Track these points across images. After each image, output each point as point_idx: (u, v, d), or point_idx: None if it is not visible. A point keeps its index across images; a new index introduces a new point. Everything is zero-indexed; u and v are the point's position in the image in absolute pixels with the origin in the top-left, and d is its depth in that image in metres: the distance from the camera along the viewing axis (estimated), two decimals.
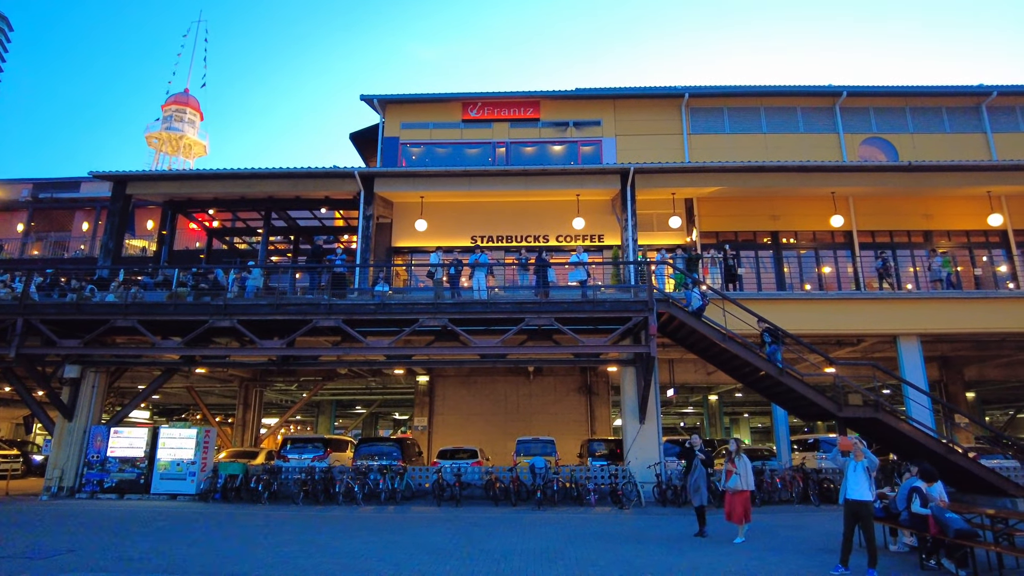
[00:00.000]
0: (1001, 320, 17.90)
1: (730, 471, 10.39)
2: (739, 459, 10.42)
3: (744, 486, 10.22)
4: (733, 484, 10.25)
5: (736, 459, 10.43)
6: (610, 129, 22.90)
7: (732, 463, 10.43)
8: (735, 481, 10.24)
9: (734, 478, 10.27)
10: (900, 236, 21.10)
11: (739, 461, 10.38)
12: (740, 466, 10.31)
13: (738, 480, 10.22)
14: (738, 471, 10.28)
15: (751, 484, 10.33)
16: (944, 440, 14.16)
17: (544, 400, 24.39)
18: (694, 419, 39.53)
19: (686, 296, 15.59)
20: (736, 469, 10.32)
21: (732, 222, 20.81)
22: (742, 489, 10.23)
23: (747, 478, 10.28)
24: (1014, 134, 22.99)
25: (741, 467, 10.30)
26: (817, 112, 23.15)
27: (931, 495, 9.03)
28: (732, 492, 10.32)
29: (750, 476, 10.35)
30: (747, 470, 10.33)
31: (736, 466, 10.34)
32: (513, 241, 20.86)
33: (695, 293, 15.73)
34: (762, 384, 15.56)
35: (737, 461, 10.39)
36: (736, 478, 10.25)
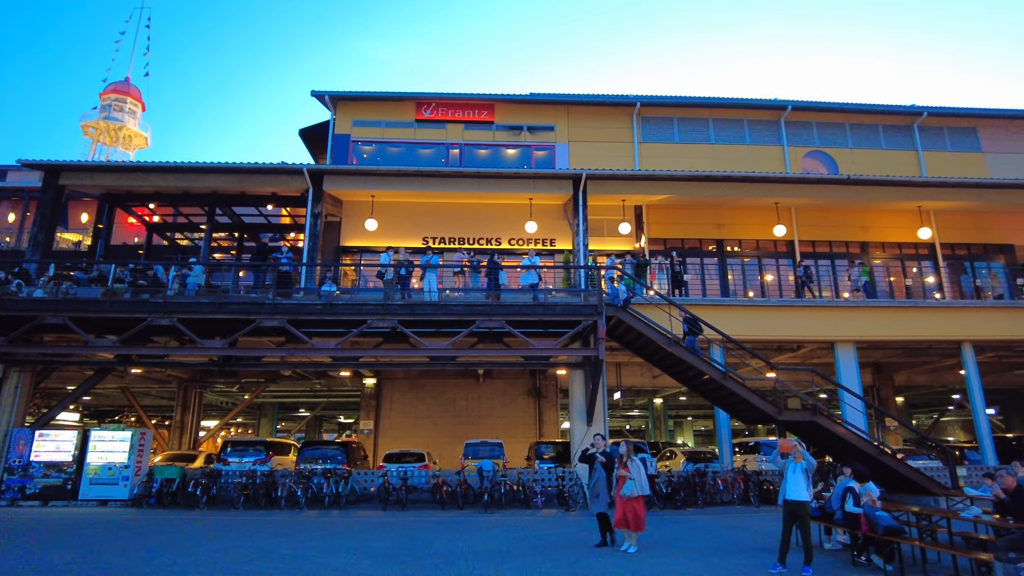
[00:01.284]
0: (929, 328, 18.83)
1: (624, 476, 9.73)
2: (632, 463, 9.82)
3: (640, 491, 9.65)
4: (629, 490, 9.61)
5: (629, 463, 9.82)
6: (563, 135, 23.09)
7: (625, 467, 9.80)
8: (630, 487, 9.62)
9: (629, 484, 9.64)
10: (839, 246, 21.96)
11: (633, 465, 9.79)
12: (634, 470, 9.73)
13: (634, 485, 9.62)
14: (632, 476, 9.67)
15: (646, 489, 9.83)
16: (876, 442, 14.76)
17: (493, 403, 24.37)
18: (640, 422, 40.24)
19: (611, 291, 15.83)
20: (630, 474, 9.70)
21: (679, 229, 21.26)
22: (638, 495, 9.65)
23: (642, 482, 9.72)
24: (942, 152, 24.24)
25: (635, 471, 9.73)
26: (763, 125, 23.88)
27: (863, 494, 9.39)
28: (626, 498, 9.65)
29: (645, 481, 9.82)
30: (642, 474, 9.79)
31: (630, 470, 9.74)
32: (465, 243, 20.79)
33: (621, 287, 15.98)
34: (706, 388, 15.92)
35: (631, 465, 9.79)
36: (631, 483, 9.64)
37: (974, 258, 22.39)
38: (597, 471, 10.20)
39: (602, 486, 10.05)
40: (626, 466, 9.75)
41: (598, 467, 10.22)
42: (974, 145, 24.57)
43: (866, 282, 19.18)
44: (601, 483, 10.06)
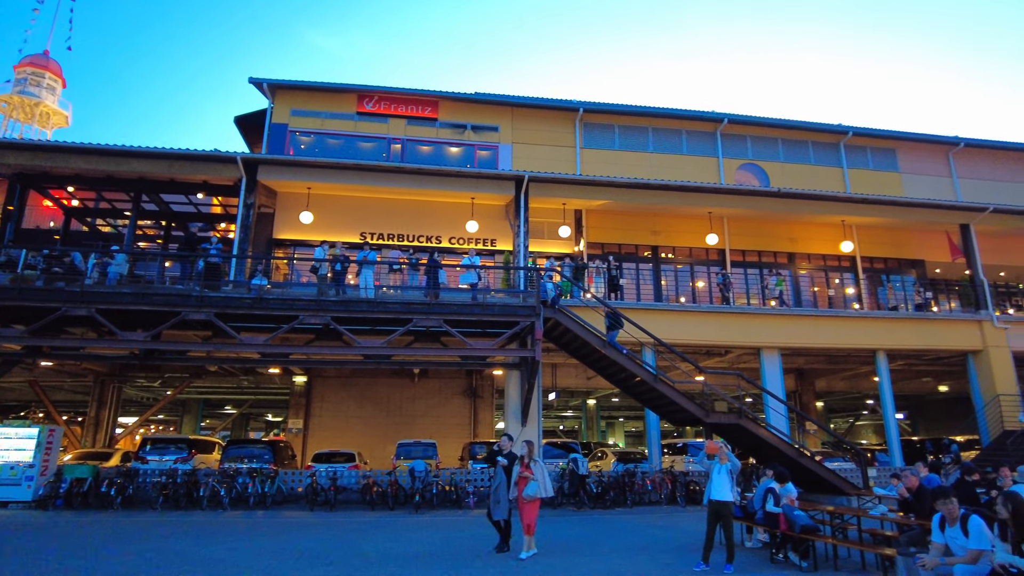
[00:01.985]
0: (848, 337, 19.84)
1: (526, 477, 9.20)
2: (536, 464, 9.37)
3: (543, 493, 9.21)
4: (532, 492, 9.12)
5: (533, 464, 9.35)
6: (507, 136, 23.15)
7: (528, 468, 9.30)
8: (533, 488, 9.13)
9: (532, 485, 9.14)
10: (767, 256, 22.85)
11: (536, 467, 9.34)
12: (537, 472, 9.28)
13: (536, 487, 9.15)
14: (535, 477, 9.20)
15: (550, 491, 9.39)
16: (796, 445, 15.42)
17: (428, 403, 24.17)
18: (573, 422, 40.77)
19: (542, 287, 16.04)
20: (533, 475, 9.21)
21: (617, 235, 21.65)
22: (540, 497, 9.21)
23: (545, 484, 9.29)
24: (864, 171, 25.60)
25: (538, 473, 9.27)
26: (700, 136, 24.61)
27: (783, 495, 9.78)
28: (528, 500, 9.15)
29: (548, 483, 9.40)
30: (544, 476, 9.35)
31: (533, 472, 9.25)
32: (405, 240, 20.55)
33: (549, 285, 16.19)
34: (637, 390, 16.25)
35: (534, 467, 9.32)
36: (534, 484, 9.16)
37: (890, 272, 23.72)
38: (499, 474, 9.51)
39: (503, 491, 9.34)
40: (529, 467, 9.28)
41: (499, 469, 9.54)
42: (893, 165, 26.05)
43: (781, 291, 20.04)
44: (503, 487, 9.36)
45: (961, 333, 20.50)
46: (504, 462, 9.45)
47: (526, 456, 9.39)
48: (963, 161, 26.58)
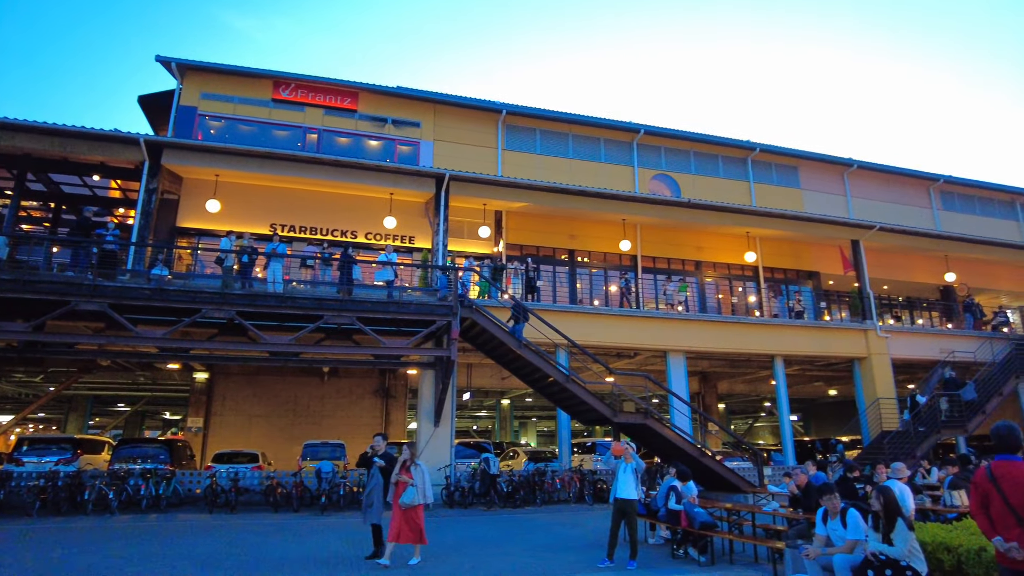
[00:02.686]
0: (749, 342, 20.94)
1: (404, 482, 8.54)
2: (416, 468, 8.68)
3: (421, 499, 8.56)
4: (409, 498, 8.45)
5: (413, 468, 8.66)
6: (429, 132, 22.93)
7: (407, 472, 8.61)
8: (411, 494, 8.47)
9: (410, 491, 8.48)
10: (676, 263, 23.76)
11: (416, 471, 8.65)
12: (417, 476, 8.61)
13: (415, 493, 8.50)
14: (414, 482, 8.54)
15: (429, 497, 8.71)
16: (699, 445, 16.11)
17: (338, 402, 23.56)
18: (487, 422, 40.89)
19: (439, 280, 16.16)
20: (412, 480, 8.55)
21: (536, 237, 21.91)
22: (418, 503, 8.55)
23: (425, 490, 8.63)
24: (769, 186, 27.08)
25: (418, 477, 8.61)
26: (617, 145, 25.27)
27: (685, 493, 10.18)
28: (405, 507, 8.48)
29: (428, 488, 8.72)
30: (425, 481, 8.69)
31: (412, 476, 8.58)
32: (318, 234, 19.95)
33: (442, 280, 16.37)
34: (550, 390, 16.48)
35: (414, 471, 8.64)
36: (413, 490, 8.49)
37: (789, 282, 25.21)
38: (374, 477, 8.92)
39: (377, 494, 8.82)
40: (408, 471, 8.60)
41: (375, 472, 8.93)
42: (795, 182, 27.69)
43: (685, 296, 20.93)
44: (377, 491, 8.82)
45: (849, 341, 22.07)
46: (381, 463, 8.91)
47: (407, 460, 8.70)
48: (856, 181, 28.62)
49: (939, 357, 22.77)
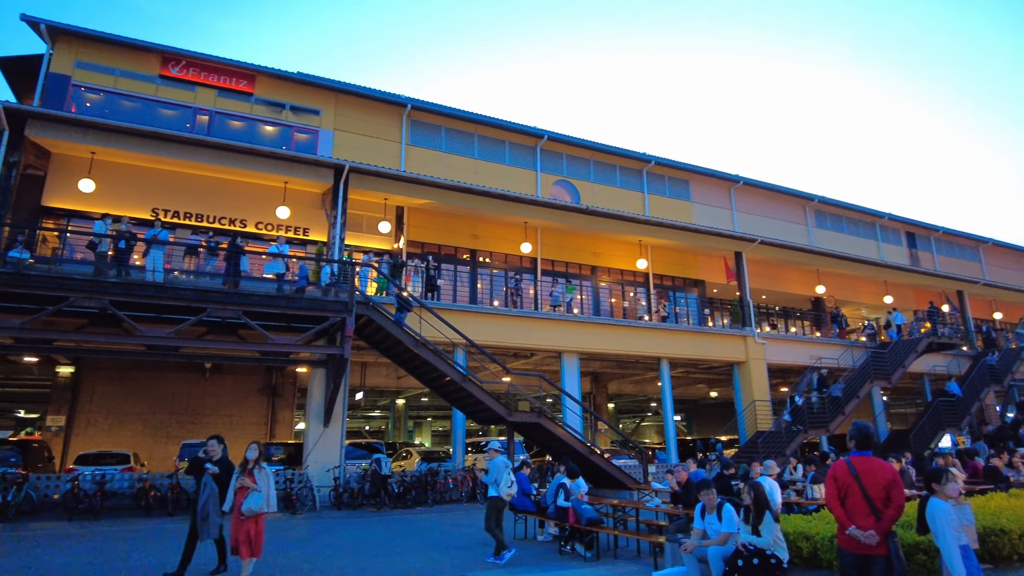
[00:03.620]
0: (638, 345, 21.81)
1: (247, 487, 7.45)
2: (261, 472, 7.60)
3: (266, 507, 7.53)
4: (253, 505, 7.39)
5: (257, 472, 7.58)
6: (329, 122, 22.18)
7: (251, 476, 7.53)
8: (257, 501, 7.41)
9: (254, 496, 7.41)
10: (574, 267, 24.36)
11: (261, 475, 7.57)
12: (261, 480, 7.54)
13: (260, 500, 7.44)
14: (258, 487, 7.47)
15: (273, 505, 7.66)
16: (589, 443, 16.59)
17: (221, 401, 22.31)
18: (380, 422, 40.12)
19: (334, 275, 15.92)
20: (256, 485, 7.47)
21: (437, 235, 21.75)
22: (263, 511, 7.51)
23: (270, 497, 7.57)
24: (662, 197, 28.33)
25: (262, 482, 7.54)
26: (522, 149, 25.57)
27: (574, 490, 10.43)
28: (247, 516, 7.41)
29: (273, 495, 7.64)
30: (270, 487, 7.63)
31: (256, 481, 7.51)
32: (205, 221, 18.80)
33: (325, 270, 16.22)
34: (446, 389, 16.42)
35: (258, 475, 7.56)
36: (257, 496, 7.42)
37: (676, 289, 26.50)
38: (207, 486, 7.69)
39: (212, 506, 7.63)
40: (252, 474, 7.55)
41: (208, 481, 7.71)
42: (686, 195, 29.13)
43: (570, 298, 21.49)
44: (212, 501, 7.64)
45: (730, 346, 23.50)
46: (214, 470, 7.76)
47: (253, 462, 7.65)
48: (741, 197, 30.52)
49: (809, 363, 24.74)
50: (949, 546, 4.93)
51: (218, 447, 8.03)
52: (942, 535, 4.98)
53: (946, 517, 5.00)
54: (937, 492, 5.20)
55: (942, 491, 5.18)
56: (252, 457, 7.70)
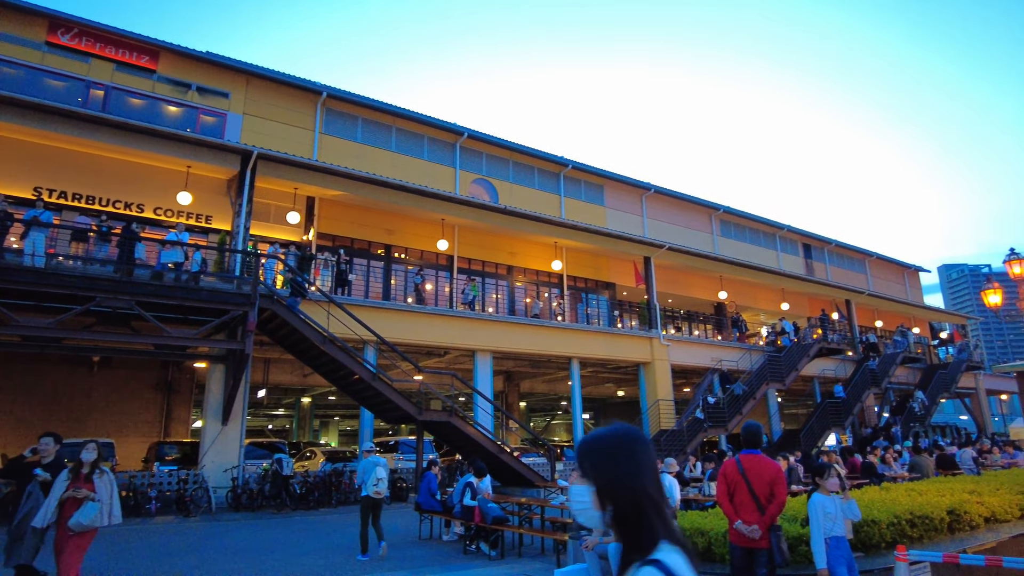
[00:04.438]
0: (550, 345, 22.09)
1: (81, 498, 6.01)
2: (102, 478, 6.23)
3: (105, 520, 6.10)
4: (88, 518, 5.93)
5: (98, 477, 6.20)
6: (239, 105, 21.15)
7: (88, 482, 6.12)
8: (91, 512, 5.95)
9: (89, 507, 5.96)
10: (490, 266, 24.40)
11: (101, 480, 6.20)
12: (103, 489, 6.16)
13: (95, 512, 5.98)
14: (98, 497, 6.08)
15: (117, 516, 6.25)
16: (499, 442, 16.64)
17: (110, 397, 20.81)
18: (285, 421, 38.69)
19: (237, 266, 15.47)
20: (95, 494, 6.07)
21: (350, 228, 21.20)
22: (98, 525, 6.05)
23: (112, 507, 6.21)
24: (578, 201, 28.88)
25: (104, 491, 6.16)
26: (441, 145, 25.36)
27: (480, 489, 10.41)
28: (80, 531, 5.95)
29: (116, 504, 6.28)
30: (114, 495, 6.26)
31: (96, 489, 6.12)
32: (96, 204, 17.49)
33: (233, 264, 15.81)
34: (354, 388, 16.03)
35: (98, 481, 6.17)
36: (93, 507, 5.97)
37: (589, 291, 27.07)
38: (32, 496, 6.30)
39: (34, 520, 6.06)
40: (91, 481, 6.14)
41: (35, 489, 6.31)
42: (600, 200, 29.82)
43: (475, 297, 21.50)
44: (33, 512, 6.12)
45: (637, 347, 24.23)
46: (44, 476, 6.31)
47: (85, 465, 6.21)
48: (652, 204, 31.58)
49: (710, 364, 25.92)
50: (815, 537, 5.31)
51: (53, 447, 6.54)
52: (812, 526, 5.32)
53: (818, 511, 5.34)
54: (820, 486, 5.54)
55: (824, 486, 5.52)
56: (89, 459, 6.22)
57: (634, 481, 1.49)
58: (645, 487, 1.49)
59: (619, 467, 1.51)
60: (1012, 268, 15.73)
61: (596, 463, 1.54)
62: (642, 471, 1.51)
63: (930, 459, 14.84)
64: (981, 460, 17.18)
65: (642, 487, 1.49)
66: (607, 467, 1.52)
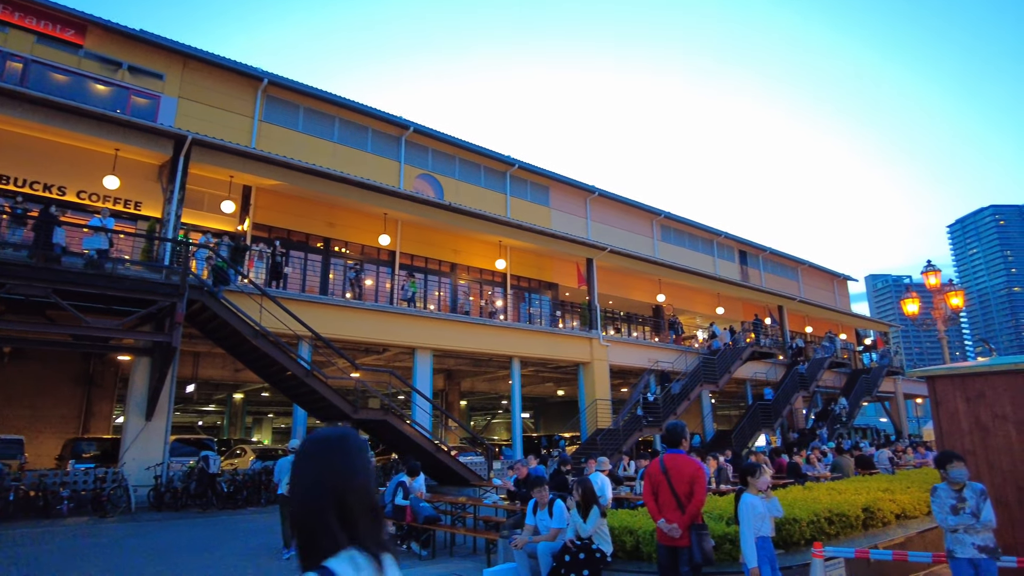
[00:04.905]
0: (492, 343, 22.04)
1: None
2: None
3: None
4: None
5: None
6: (174, 88, 20.26)
7: None
8: None
9: None
10: (433, 263, 24.19)
11: None
12: None
13: None
14: None
15: None
16: (436, 441, 16.48)
17: (24, 390, 19.54)
18: (216, 417, 37.38)
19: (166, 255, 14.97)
20: None
21: (288, 220, 20.63)
22: None
23: None
24: (524, 200, 28.97)
25: None
26: (386, 138, 24.97)
27: (413, 488, 10.27)
28: None
29: None
30: None
31: None
32: (12, 184, 16.44)
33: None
34: (287, 384, 15.58)
35: None
36: None
37: (532, 290, 27.18)
38: None
39: None
40: None
41: None
42: (545, 200, 30.00)
43: (414, 293, 21.28)
44: None
45: (577, 347, 24.47)
46: None
47: None
48: (596, 207, 31.97)
49: (647, 365, 26.42)
50: (745, 536, 5.40)
51: None
52: (742, 525, 5.43)
53: (748, 510, 5.46)
54: (750, 485, 5.67)
55: (754, 484, 5.66)
56: None
57: (315, 487, 1.45)
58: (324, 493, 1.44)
59: (305, 471, 1.48)
60: (928, 279, 16.60)
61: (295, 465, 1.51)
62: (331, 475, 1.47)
63: (851, 459, 15.52)
64: (896, 460, 18.12)
65: (321, 493, 1.44)
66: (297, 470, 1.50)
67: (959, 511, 5.01)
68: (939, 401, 7.18)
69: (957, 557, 4.98)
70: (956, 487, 5.12)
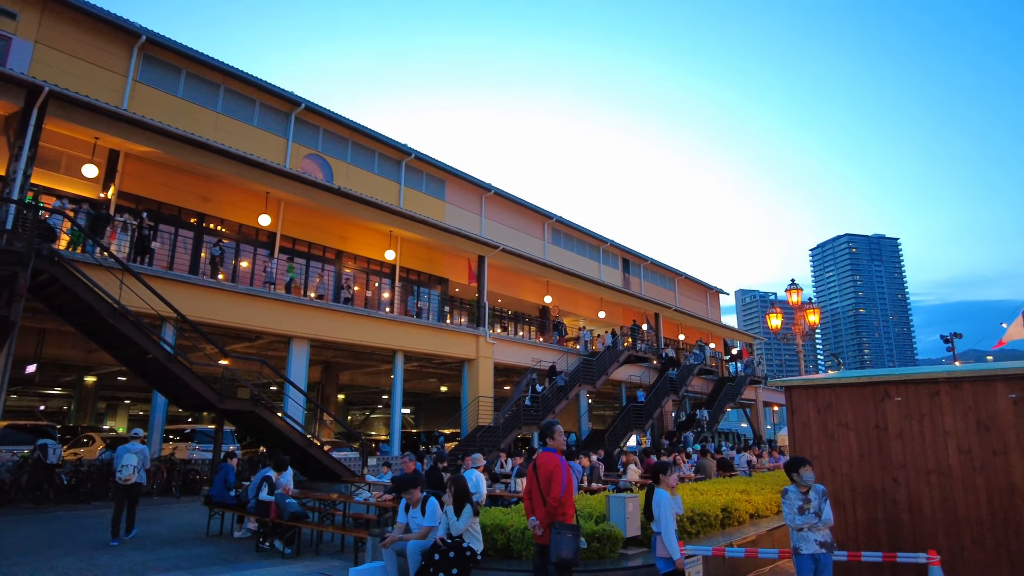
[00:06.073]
0: (376, 336, 21.49)
1: None
2: None
3: None
4: None
5: None
6: (30, 31, 18.07)
7: None
8: None
9: None
10: (317, 249, 23.23)
11: None
12: None
13: None
14: None
15: None
16: (309, 435, 15.79)
17: None
18: (63, 402, 33.87)
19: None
20: None
21: (159, 191, 19.04)
22: None
23: None
24: (418, 192, 28.51)
25: None
26: (274, 113, 23.65)
27: (280, 483, 9.76)
28: None
29: None
30: None
31: None
32: None
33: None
34: (147, 368, 14.33)
35: None
36: None
37: (421, 284, 26.81)
38: None
39: None
40: None
41: None
42: (441, 194, 29.70)
43: (292, 279, 20.44)
44: None
45: (463, 344, 24.41)
46: None
47: None
48: (491, 205, 32.08)
49: (531, 364, 26.86)
50: (668, 530, 5.58)
51: None
52: (664, 520, 5.59)
53: (668, 505, 5.62)
54: (662, 482, 5.82)
55: (666, 482, 5.82)
56: None
57: None
58: None
59: None
60: (791, 296, 18.09)
61: None
62: None
63: (713, 462, 16.57)
64: (754, 463, 19.56)
65: None
66: None
67: (805, 511, 5.41)
68: (794, 409, 7.75)
69: (802, 553, 5.37)
70: (804, 489, 5.52)
